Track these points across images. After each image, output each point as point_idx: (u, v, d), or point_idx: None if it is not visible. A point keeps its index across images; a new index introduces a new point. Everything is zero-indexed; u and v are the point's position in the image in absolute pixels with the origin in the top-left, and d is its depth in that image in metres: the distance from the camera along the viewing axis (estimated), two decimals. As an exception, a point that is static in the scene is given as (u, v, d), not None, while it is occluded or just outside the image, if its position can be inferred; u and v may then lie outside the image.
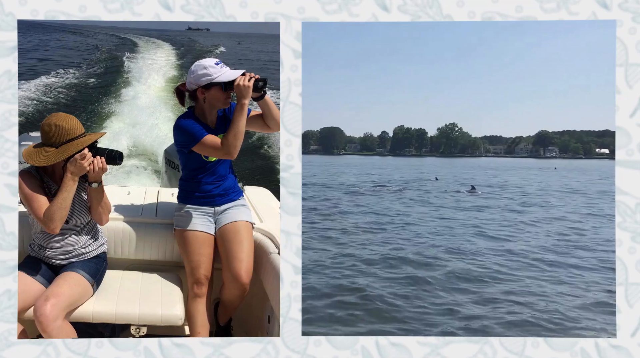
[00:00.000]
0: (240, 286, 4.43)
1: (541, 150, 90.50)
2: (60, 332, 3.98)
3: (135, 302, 4.31)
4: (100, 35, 64.13)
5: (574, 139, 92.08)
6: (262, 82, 4.29)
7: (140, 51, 44.38)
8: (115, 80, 28.30)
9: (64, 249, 4.30)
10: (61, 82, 27.06)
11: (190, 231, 4.52)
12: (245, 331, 4.93)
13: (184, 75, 26.35)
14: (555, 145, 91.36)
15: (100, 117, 20.26)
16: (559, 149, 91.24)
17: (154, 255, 4.81)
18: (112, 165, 4.21)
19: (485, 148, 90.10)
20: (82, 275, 4.23)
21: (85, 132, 4.21)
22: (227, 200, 4.61)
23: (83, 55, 40.91)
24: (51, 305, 3.94)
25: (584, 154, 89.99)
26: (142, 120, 18.34)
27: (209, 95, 4.38)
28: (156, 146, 14.73)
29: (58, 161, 4.12)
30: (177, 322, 4.31)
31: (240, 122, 4.26)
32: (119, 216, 4.78)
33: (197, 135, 4.33)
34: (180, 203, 4.62)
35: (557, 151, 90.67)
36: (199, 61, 4.41)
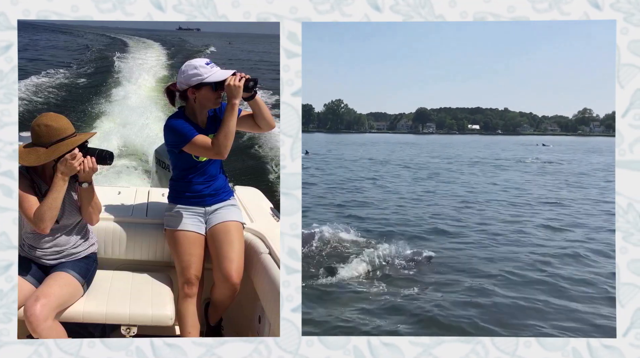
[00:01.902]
0: (230, 286, 4.43)
1: (420, 126, 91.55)
2: (51, 332, 3.97)
3: (125, 302, 4.30)
4: (91, 35, 63.92)
5: (450, 116, 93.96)
6: (252, 82, 4.27)
7: (131, 51, 44.23)
8: (106, 80, 28.21)
9: (54, 249, 4.28)
10: (51, 82, 27.00)
11: (180, 231, 4.51)
12: (236, 331, 4.92)
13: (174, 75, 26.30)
14: (433, 121, 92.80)
15: (90, 117, 20.20)
16: (436, 125, 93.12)
17: (145, 255, 4.80)
18: (103, 165, 4.21)
19: (370, 124, 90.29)
20: (72, 275, 4.21)
21: (76, 132, 4.20)
22: (217, 200, 4.61)
23: (73, 55, 40.79)
24: (41, 305, 3.93)
25: (458, 130, 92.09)
26: (133, 120, 18.28)
27: (199, 95, 4.37)
28: (147, 146, 14.69)
29: (48, 161, 4.11)
30: (168, 322, 4.30)
31: (231, 122, 4.26)
32: (109, 216, 4.77)
33: (187, 135, 4.32)
34: (170, 203, 4.61)
35: (434, 127, 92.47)
36: (189, 61, 4.39)
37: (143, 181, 12.93)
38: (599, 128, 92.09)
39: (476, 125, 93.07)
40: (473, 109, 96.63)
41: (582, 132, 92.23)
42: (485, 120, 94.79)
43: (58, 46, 47.82)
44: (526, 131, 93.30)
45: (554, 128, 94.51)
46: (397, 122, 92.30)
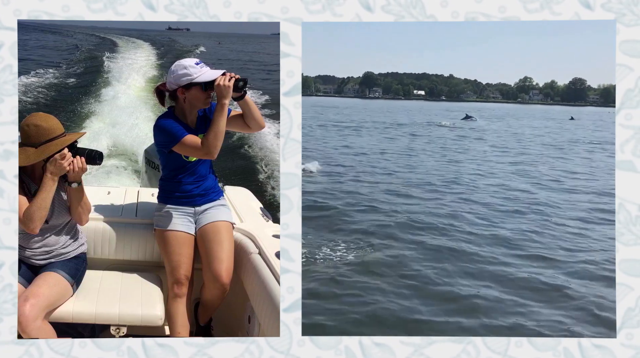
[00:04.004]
0: (220, 286, 4.43)
1: (366, 91, 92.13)
2: (40, 332, 3.96)
3: (115, 302, 4.29)
4: (80, 35, 63.78)
5: (396, 81, 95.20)
6: (242, 82, 4.27)
7: (120, 51, 44.17)
8: (95, 80, 28.15)
9: (44, 249, 4.27)
10: (41, 82, 26.90)
11: (170, 231, 4.50)
12: (226, 331, 4.91)
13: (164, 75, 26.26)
14: (379, 86, 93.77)
15: (80, 117, 20.14)
16: (382, 89, 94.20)
17: (134, 255, 4.80)
18: (92, 165, 4.20)
19: (316, 87, 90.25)
20: (61, 276, 4.20)
21: (65, 131, 4.20)
22: (207, 200, 4.61)
23: (63, 55, 40.68)
24: (31, 305, 3.92)
25: (404, 95, 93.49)
26: (122, 120, 18.23)
27: (189, 95, 4.37)
28: (136, 146, 14.66)
29: (38, 161, 4.10)
30: (157, 322, 4.29)
31: (221, 122, 4.25)
32: (98, 216, 4.76)
33: (177, 135, 4.32)
34: (160, 203, 4.61)
35: (380, 92, 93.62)
36: (179, 61, 4.39)
37: (133, 181, 12.90)
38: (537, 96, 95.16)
39: (422, 91, 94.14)
40: (419, 74, 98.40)
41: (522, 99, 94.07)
42: (431, 86, 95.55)
43: (47, 46, 47.71)
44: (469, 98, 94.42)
45: (496, 95, 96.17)
46: (344, 86, 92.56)
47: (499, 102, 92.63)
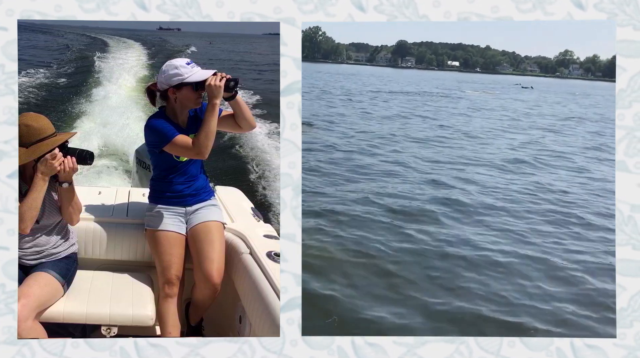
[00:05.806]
0: (211, 286, 4.43)
1: (399, 60, 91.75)
2: (31, 333, 3.95)
3: (106, 302, 4.28)
4: (71, 35, 63.66)
5: (430, 51, 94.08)
6: (233, 82, 4.26)
7: (111, 51, 44.10)
8: (86, 80, 28.07)
9: (35, 249, 4.26)
10: (31, 82, 26.81)
11: (161, 231, 4.50)
12: (217, 331, 4.91)
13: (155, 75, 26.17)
14: (413, 55, 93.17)
15: (70, 116, 20.08)
16: (415, 59, 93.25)
17: (125, 255, 4.79)
18: (83, 165, 4.19)
19: (348, 55, 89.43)
20: (52, 276, 4.19)
21: (56, 131, 4.19)
22: (198, 200, 4.61)
23: (54, 55, 40.56)
24: (21, 306, 3.91)
25: (437, 66, 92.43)
26: (113, 120, 18.19)
27: (180, 95, 4.36)
28: (127, 146, 14.63)
29: (28, 161, 4.09)
30: (148, 322, 4.28)
31: (212, 122, 4.25)
32: (89, 216, 4.75)
33: (168, 135, 4.31)
34: (151, 203, 4.61)
35: (413, 61, 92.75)
36: (170, 61, 4.39)
37: (124, 181, 12.88)
38: (577, 70, 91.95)
39: (456, 62, 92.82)
40: (455, 44, 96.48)
41: (561, 74, 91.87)
42: (466, 57, 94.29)
43: (38, 46, 47.56)
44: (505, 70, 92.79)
45: (534, 68, 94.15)
46: (376, 54, 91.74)
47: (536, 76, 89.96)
